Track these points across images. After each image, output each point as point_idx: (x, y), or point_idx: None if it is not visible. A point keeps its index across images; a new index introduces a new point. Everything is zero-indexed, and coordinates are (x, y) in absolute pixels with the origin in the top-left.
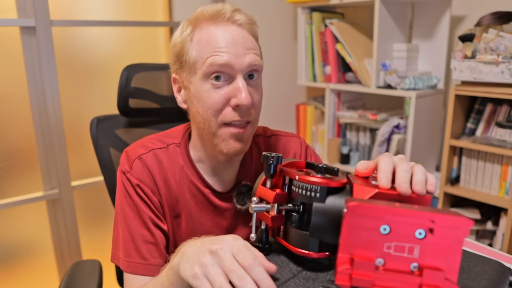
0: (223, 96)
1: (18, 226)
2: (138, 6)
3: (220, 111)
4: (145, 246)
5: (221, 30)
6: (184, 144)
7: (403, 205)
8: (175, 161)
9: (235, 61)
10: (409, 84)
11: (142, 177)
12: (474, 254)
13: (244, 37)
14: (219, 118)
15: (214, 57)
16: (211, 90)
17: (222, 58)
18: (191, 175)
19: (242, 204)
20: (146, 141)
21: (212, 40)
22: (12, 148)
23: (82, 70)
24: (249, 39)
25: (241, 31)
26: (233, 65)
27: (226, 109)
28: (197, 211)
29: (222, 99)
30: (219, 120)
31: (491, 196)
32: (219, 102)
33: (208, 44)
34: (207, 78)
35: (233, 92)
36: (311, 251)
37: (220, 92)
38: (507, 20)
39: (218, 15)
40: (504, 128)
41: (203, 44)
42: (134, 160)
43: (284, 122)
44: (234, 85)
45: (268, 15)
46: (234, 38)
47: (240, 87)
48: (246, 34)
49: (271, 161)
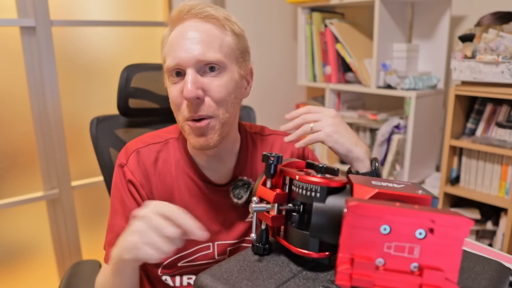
0: (178, 91)
1: (18, 226)
2: (138, 6)
3: (179, 106)
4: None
5: (181, 28)
6: (182, 138)
7: (403, 205)
8: (172, 155)
9: (183, 56)
10: (409, 84)
11: (135, 172)
12: (474, 254)
13: (201, 30)
14: (180, 113)
15: (168, 59)
16: (171, 86)
17: (173, 59)
18: (187, 168)
19: (239, 198)
20: (146, 137)
21: (173, 41)
22: (12, 148)
23: (82, 70)
24: (206, 32)
25: (201, 25)
26: (182, 62)
27: (184, 104)
28: (192, 204)
29: (178, 93)
30: (182, 116)
31: (491, 196)
32: (176, 97)
33: (169, 43)
34: (168, 77)
35: (183, 86)
36: (311, 251)
37: (176, 87)
38: (507, 20)
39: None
40: (504, 128)
41: (167, 44)
42: (131, 153)
43: (284, 122)
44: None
45: (268, 15)
46: (188, 34)
47: (186, 81)
48: (206, 27)
49: (271, 161)
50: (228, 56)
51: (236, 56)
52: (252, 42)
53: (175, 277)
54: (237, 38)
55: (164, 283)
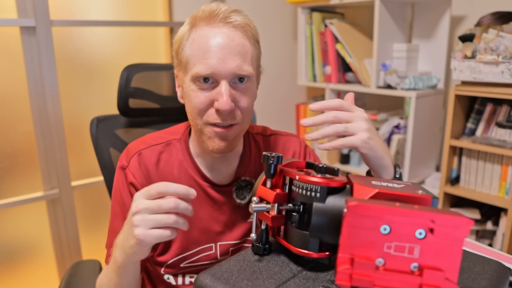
0: (207, 98)
1: (18, 226)
2: (138, 6)
3: (205, 111)
4: None
5: (213, 32)
6: (185, 139)
7: (403, 205)
8: (175, 156)
9: (219, 68)
10: (409, 84)
11: (137, 174)
12: (474, 254)
13: (235, 41)
14: (204, 118)
15: (200, 66)
16: (197, 90)
17: (208, 68)
18: (189, 169)
19: (242, 199)
20: (147, 138)
21: (202, 44)
22: (12, 148)
23: (82, 70)
24: (241, 43)
25: (233, 34)
26: (217, 72)
27: (210, 110)
28: (195, 205)
29: (207, 100)
30: (204, 120)
31: (491, 196)
32: (203, 103)
33: (199, 48)
34: (194, 80)
35: (215, 96)
36: (311, 251)
37: (205, 93)
38: (507, 20)
39: (213, 15)
40: (504, 128)
41: (195, 46)
42: (133, 155)
43: (284, 122)
44: (217, 90)
45: (268, 15)
46: (223, 43)
47: (222, 92)
48: (239, 37)
49: (271, 161)
50: (254, 68)
51: (257, 66)
52: None
53: (177, 276)
54: (257, 45)
55: (166, 282)
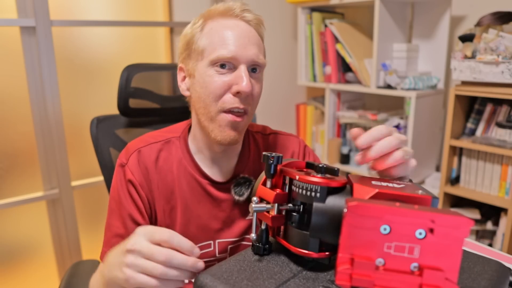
0: (225, 83)
1: (18, 226)
2: (138, 6)
3: (221, 96)
4: (116, 239)
5: (230, 23)
6: (184, 137)
7: (403, 205)
8: (174, 154)
9: (240, 54)
10: (409, 84)
11: (135, 171)
12: (474, 254)
13: (251, 32)
14: (219, 103)
15: (221, 50)
16: (215, 75)
17: (229, 52)
18: (189, 167)
19: (240, 195)
20: (147, 136)
21: (222, 31)
22: (12, 148)
23: (82, 70)
24: (255, 36)
25: (248, 27)
26: (238, 57)
27: (227, 95)
28: (194, 203)
29: (224, 85)
30: (219, 106)
31: (491, 196)
32: (221, 87)
33: (218, 34)
34: (212, 65)
35: (235, 80)
36: (311, 251)
37: (223, 78)
38: (507, 20)
39: (229, 10)
40: (504, 128)
41: (213, 34)
42: (132, 153)
43: (284, 122)
44: (236, 73)
45: (268, 15)
46: (241, 32)
47: (242, 75)
48: (253, 31)
49: (271, 161)
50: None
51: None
52: None
53: None
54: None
55: None
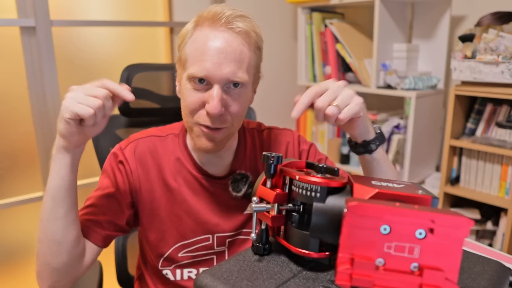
0: (199, 99)
1: (18, 226)
2: (138, 6)
3: (196, 111)
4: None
5: (213, 35)
6: (183, 134)
7: (403, 205)
8: (171, 150)
9: (213, 73)
10: (409, 84)
11: (130, 158)
12: (474, 254)
13: (233, 46)
14: (194, 117)
15: (196, 67)
16: (191, 90)
17: (202, 70)
18: (186, 162)
19: (237, 191)
20: (149, 130)
21: (202, 45)
22: (12, 148)
23: (82, 70)
24: (238, 50)
25: (233, 40)
26: (211, 76)
27: (201, 111)
28: (192, 197)
29: (199, 101)
30: (194, 120)
31: (491, 196)
32: (195, 103)
33: (199, 48)
34: (189, 80)
35: (207, 98)
36: (311, 251)
37: (198, 94)
38: (507, 20)
39: (217, 18)
40: (504, 128)
41: (195, 45)
42: (132, 141)
43: (284, 122)
44: (209, 93)
45: (268, 15)
46: (221, 47)
47: (213, 96)
48: (238, 43)
49: (271, 161)
50: (250, 75)
51: (254, 73)
52: None
53: (175, 270)
54: (258, 53)
55: (165, 278)
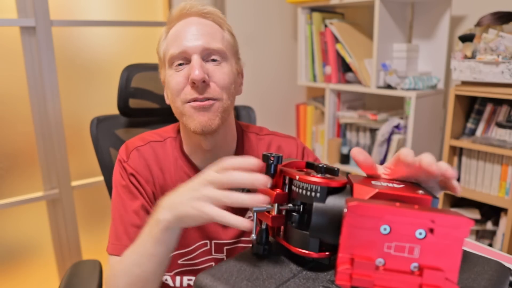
0: (182, 76)
1: (18, 226)
2: (138, 6)
3: (181, 90)
4: (134, 230)
5: (183, 22)
6: (180, 138)
7: (403, 205)
8: (171, 154)
9: (189, 45)
10: (409, 84)
11: (138, 167)
12: (474, 254)
13: (203, 23)
14: (181, 96)
15: (172, 48)
16: (174, 74)
17: (179, 47)
18: (185, 167)
19: None
20: (145, 135)
21: (175, 33)
22: (12, 148)
23: (82, 70)
24: (209, 25)
25: (203, 20)
26: (188, 49)
27: (186, 88)
28: None
29: (182, 79)
30: (182, 98)
31: (491, 196)
32: (180, 82)
33: (172, 38)
34: (170, 66)
35: (189, 71)
36: (311, 251)
37: (180, 74)
38: (507, 20)
39: (185, 10)
40: (504, 128)
41: (169, 38)
42: (132, 150)
43: (284, 122)
44: (190, 65)
45: (268, 15)
46: (192, 27)
47: (193, 65)
48: (210, 23)
49: (271, 161)
50: (228, 49)
51: (234, 52)
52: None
53: (175, 277)
54: (233, 37)
55: (164, 283)
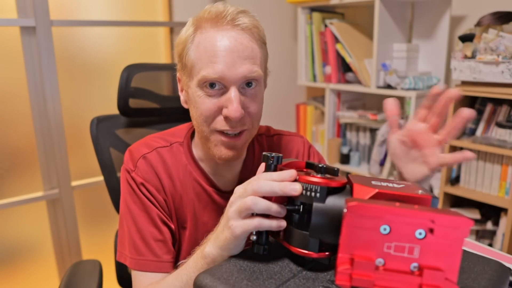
0: (215, 105)
1: (18, 226)
2: (138, 6)
3: (212, 118)
4: (155, 244)
5: (220, 35)
6: (187, 143)
7: (403, 205)
8: (179, 160)
9: (228, 73)
10: (409, 84)
11: (147, 176)
12: (474, 254)
13: (243, 44)
14: (212, 125)
15: (208, 69)
16: (204, 97)
17: (216, 72)
18: (195, 174)
19: None
20: (149, 140)
21: (209, 47)
22: (12, 148)
23: (82, 70)
24: (249, 46)
25: (241, 37)
26: (226, 77)
27: (219, 117)
28: (200, 210)
29: (214, 107)
30: (211, 127)
31: (491, 196)
32: (211, 109)
33: (205, 52)
34: (201, 86)
35: (225, 103)
36: (311, 251)
37: (213, 100)
38: (507, 20)
39: (220, 17)
40: (504, 128)
41: (201, 50)
42: (138, 159)
43: (284, 122)
44: (226, 96)
45: (268, 15)
46: (232, 46)
47: (232, 99)
48: (247, 40)
49: (271, 161)
50: (262, 70)
51: (265, 68)
52: None
53: None
54: (265, 48)
55: None
